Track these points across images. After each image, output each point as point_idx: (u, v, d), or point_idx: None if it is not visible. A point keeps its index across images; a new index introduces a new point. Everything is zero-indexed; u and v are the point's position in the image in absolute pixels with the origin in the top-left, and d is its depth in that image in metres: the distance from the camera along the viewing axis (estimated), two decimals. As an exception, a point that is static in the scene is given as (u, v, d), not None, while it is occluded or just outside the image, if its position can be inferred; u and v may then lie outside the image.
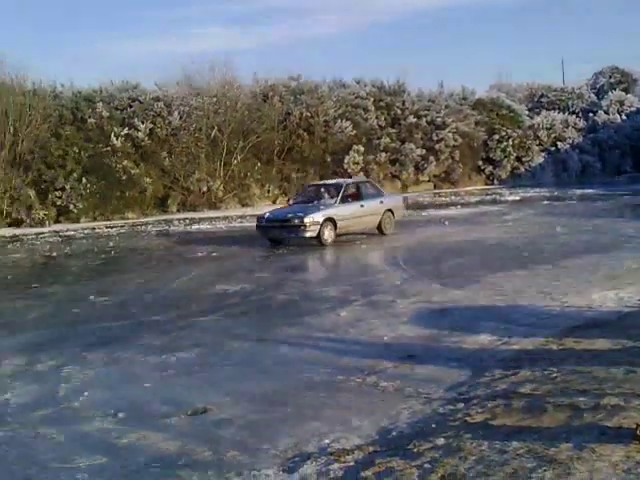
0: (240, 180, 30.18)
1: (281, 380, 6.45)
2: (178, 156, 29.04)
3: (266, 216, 17.16)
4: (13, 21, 69.08)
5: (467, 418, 5.13)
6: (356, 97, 35.35)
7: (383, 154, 34.28)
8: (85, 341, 8.36)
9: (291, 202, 18.90)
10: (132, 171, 27.65)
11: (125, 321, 9.45)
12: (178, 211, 28.70)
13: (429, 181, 37.50)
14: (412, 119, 35.95)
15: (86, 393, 6.33)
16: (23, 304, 11.24)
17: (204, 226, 23.18)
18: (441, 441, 4.70)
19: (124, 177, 27.41)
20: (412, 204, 28.85)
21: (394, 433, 5.04)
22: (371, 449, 4.75)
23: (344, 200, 17.24)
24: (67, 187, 26.09)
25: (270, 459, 4.73)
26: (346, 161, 32.55)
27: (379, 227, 17.92)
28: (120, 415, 5.72)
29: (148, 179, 28.06)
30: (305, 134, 32.26)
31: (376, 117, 34.94)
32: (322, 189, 18.16)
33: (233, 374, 6.76)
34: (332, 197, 17.45)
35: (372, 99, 35.51)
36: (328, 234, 16.37)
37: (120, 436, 5.29)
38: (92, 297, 11.17)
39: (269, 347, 7.71)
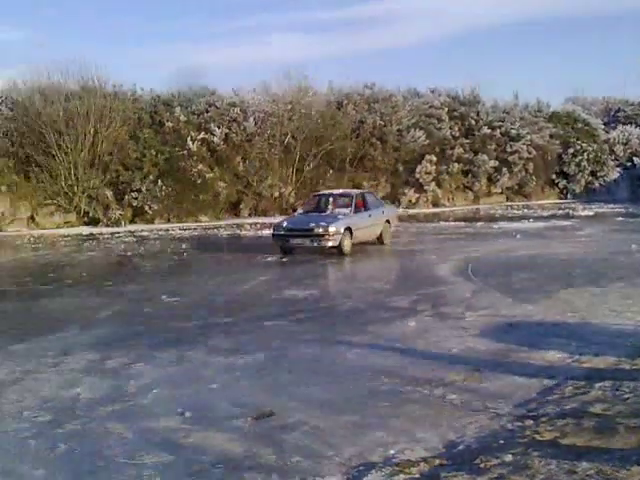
0: (312, 187, 30.28)
1: (347, 387, 6.43)
2: (252, 161, 29.39)
3: (284, 225, 17.22)
4: (95, 26, 71.13)
5: (536, 435, 5.03)
6: (430, 107, 35.21)
7: (456, 165, 34.08)
8: (155, 340, 8.51)
9: (300, 211, 18.87)
10: (207, 175, 28.17)
11: (195, 322, 9.60)
12: (249, 215, 29.11)
13: (501, 193, 37.14)
14: (486, 130, 35.65)
15: (155, 391, 6.44)
16: (97, 302, 11.51)
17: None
18: (509, 457, 4.62)
19: (199, 181, 27.98)
20: (484, 216, 28.59)
21: (460, 447, 4.97)
22: (437, 462, 4.69)
23: (356, 210, 17.37)
24: (143, 189, 26.75)
25: (334, 466, 4.71)
26: (418, 170, 32.47)
27: (380, 236, 18.13)
28: (187, 414, 5.78)
29: (222, 183, 28.52)
30: (378, 143, 32.27)
31: (450, 127, 34.76)
32: (330, 199, 18.21)
33: (299, 379, 6.77)
34: (341, 207, 17.60)
35: (446, 109, 35.35)
36: (347, 243, 16.48)
37: (186, 435, 5.35)
38: (164, 297, 11.38)
39: (336, 354, 7.70)
